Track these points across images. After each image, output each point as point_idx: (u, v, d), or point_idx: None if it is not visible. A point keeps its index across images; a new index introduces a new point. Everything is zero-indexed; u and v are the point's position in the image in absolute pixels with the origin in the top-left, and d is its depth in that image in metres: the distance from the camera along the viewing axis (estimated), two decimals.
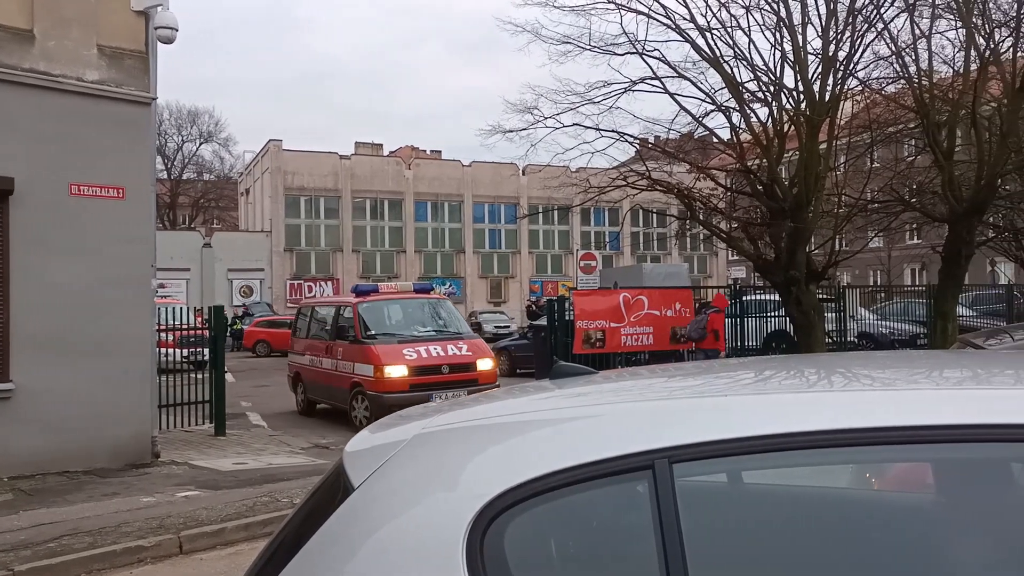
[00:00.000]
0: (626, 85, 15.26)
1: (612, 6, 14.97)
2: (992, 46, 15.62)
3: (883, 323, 21.08)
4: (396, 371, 12.19)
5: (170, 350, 11.85)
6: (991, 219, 19.91)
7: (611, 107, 15.44)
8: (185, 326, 12.77)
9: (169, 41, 9.47)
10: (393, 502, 1.51)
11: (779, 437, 1.44)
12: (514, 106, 15.84)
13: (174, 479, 8.83)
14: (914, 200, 18.26)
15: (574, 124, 15.59)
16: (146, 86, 9.56)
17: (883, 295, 25.21)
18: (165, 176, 56.96)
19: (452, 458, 1.57)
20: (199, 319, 14.32)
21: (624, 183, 15.75)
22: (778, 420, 1.48)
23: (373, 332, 12.90)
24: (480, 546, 1.38)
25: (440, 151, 59.16)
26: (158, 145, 53.22)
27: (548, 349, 14.82)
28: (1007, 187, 18.49)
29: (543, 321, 16.60)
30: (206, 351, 12.82)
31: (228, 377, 14.33)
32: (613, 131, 15.61)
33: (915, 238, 32.31)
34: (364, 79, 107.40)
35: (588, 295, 16.11)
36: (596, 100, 15.27)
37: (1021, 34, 15.41)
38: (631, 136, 16.27)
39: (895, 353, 3.49)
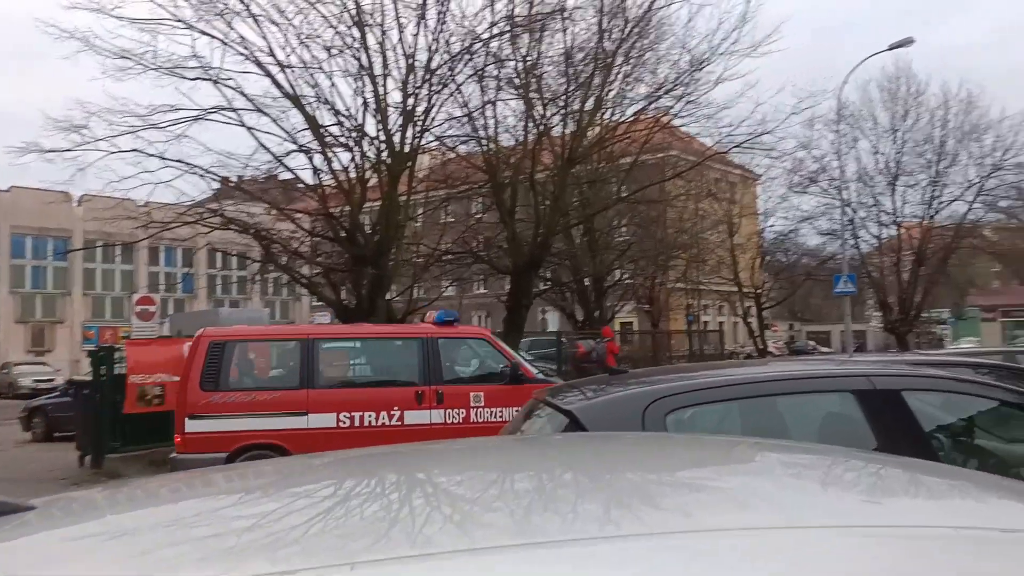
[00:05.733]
0: (197, 113, 13.90)
1: (182, 25, 13.60)
2: (545, 120, 17.47)
3: None
4: None
5: None
6: (544, 273, 22.24)
7: (180, 135, 13.91)
8: None
9: None
10: None
11: None
12: (57, 123, 13.44)
13: None
14: (483, 253, 19.59)
15: (134, 150, 13.71)
16: None
17: None
18: None
19: None
20: None
21: (193, 220, 14.24)
22: None
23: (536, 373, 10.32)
24: None
25: None
26: None
27: (94, 408, 12.54)
28: (557, 245, 20.81)
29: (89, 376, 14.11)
30: None
31: None
32: (180, 161, 14.06)
33: (483, 288, 35.09)
34: None
35: (144, 344, 14.04)
36: (161, 125, 13.66)
37: (568, 112, 17.50)
38: (202, 169, 14.80)
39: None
